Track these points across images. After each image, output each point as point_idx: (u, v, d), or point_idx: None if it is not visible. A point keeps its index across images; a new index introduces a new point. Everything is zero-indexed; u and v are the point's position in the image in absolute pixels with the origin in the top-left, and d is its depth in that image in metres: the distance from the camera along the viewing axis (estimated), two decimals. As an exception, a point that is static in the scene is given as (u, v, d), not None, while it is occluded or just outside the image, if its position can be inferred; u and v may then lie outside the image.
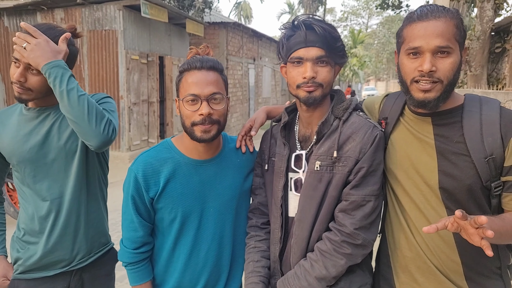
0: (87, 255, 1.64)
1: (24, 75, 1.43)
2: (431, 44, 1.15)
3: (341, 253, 1.27)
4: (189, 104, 1.31)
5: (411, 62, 1.20)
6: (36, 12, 8.64)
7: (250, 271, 1.45)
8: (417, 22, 1.19)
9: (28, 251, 1.57)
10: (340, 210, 1.29)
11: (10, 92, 9.07)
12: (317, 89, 1.29)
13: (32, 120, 1.55)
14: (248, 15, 38.90)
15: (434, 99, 1.19)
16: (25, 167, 1.53)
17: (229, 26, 13.56)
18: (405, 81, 1.23)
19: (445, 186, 1.22)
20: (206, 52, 1.43)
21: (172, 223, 1.41)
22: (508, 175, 1.17)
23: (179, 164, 1.40)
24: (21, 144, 1.52)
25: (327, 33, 1.28)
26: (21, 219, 1.60)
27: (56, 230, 1.56)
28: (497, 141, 1.16)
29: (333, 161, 1.29)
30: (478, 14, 10.33)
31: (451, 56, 1.17)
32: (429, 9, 1.19)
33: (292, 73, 1.31)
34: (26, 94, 1.47)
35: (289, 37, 1.32)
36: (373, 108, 1.48)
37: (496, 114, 1.18)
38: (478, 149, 1.17)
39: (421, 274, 1.29)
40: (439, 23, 1.16)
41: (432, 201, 1.25)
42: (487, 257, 1.22)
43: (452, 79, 1.18)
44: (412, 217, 1.28)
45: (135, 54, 8.76)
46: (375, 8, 17.57)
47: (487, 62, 10.39)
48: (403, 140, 1.32)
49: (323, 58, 1.28)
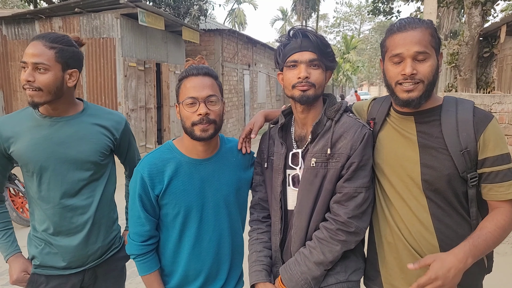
0: (103, 254, 1.75)
1: (32, 75, 1.50)
2: (410, 51, 1.31)
3: (336, 240, 1.40)
4: (188, 106, 1.45)
5: (395, 67, 1.36)
6: (35, 21, 8.72)
7: (254, 260, 1.58)
8: (397, 33, 1.35)
9: (49, 254, 1.65)
10: (334, 201, 1.42)
11: (8, 99, 9.13)
12: (310, 89, 1.43)
13: (48, 128, 1.60)
14: (242, 22, 39.13)
15: (416, 98, 1.34)
16: (42, 174, 1.59)
17: (224, 33, 13.69)
18: (390, 84, 1.39)
19: (426, 178, 1.36)
20: (202, 62, 1.59)
21: (176, 218, 1.53)
22: (483, 167, 1.33)
23: (180, 164, 1.53)
24: (39, 151, 1.57)
25: (319, 40, 1.44)
26: (36, 220, 1.67)
27: (79, 234, 1.66)
28: (470, 136, 1.31)
29: (327, 158, 1.42)
30: (467, 20, 10.56)
31: (428, 60, 1.32)
32: (407, 21, 1.35)
33: (288, 75, 1.46)
34: (38, 95, 1.52)
35: (286, 45, 1.47)
36: (362, 110, 1.63)
37: (469, 113, 1.34)
38: (454, 143, 1.32)
39: (402, 257, 1.41)
40: (416, 33, 1.32)
41: (414, 192, 1.39)
42: None
43: (431, 79, 1.33)
44: (396, 206, 1.42)
45: (133, 61, 8.88)
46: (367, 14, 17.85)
47: (476, 66, 10.60)
48: (389, 137, 1.46)
49: (315, 61, 1.43)
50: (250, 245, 1.64)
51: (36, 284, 1.66)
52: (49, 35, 1.55)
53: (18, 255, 1.70)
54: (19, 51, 8.91)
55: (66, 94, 1.62)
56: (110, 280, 1.80)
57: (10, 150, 1.60)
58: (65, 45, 1.58)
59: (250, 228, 1.68)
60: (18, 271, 1.66)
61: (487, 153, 1.31)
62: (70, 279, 1.68)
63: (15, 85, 9.02)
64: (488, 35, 10.58)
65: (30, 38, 8.77)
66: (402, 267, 1.42)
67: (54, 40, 1.55)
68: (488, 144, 1.31)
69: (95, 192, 1.69)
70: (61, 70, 1.56)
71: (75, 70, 1.62)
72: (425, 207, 1.38)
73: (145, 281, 1.57)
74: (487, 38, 10.75)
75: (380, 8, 15.70)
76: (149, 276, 1.55)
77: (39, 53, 1.51)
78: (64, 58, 1.56)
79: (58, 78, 1.55)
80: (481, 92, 9.53)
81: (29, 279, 1.67)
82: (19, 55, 8.91)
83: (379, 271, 1.51)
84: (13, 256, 1.68)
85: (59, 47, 1.55)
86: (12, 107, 9.09)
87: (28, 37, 8.83)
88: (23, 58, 1.52)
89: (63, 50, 1.56)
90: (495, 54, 10.50)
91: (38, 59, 1.50)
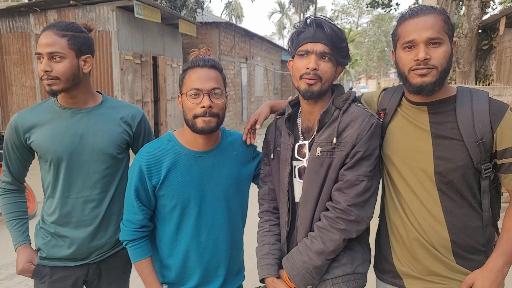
0: (109, 250, 1.75)
1: (49, 65, 1.52)
2: (423, 36, 1.29)
3: (336, 228, 1.37)
4: (192, 97, 1.44)
5: (407, 54, 1.33)
6: (29, 14, 8.63)
7: (266, 252, 1.55)
8: (409, 19, 1.33)
9: (55, 246, 1.67)
10: (335, 189, 1.40)
11: (3, 93, 9.04)
12: (316, 83, 1.40)
13: (67, 119, 1.63)
14: (239, 15, 38.95)
15: (430, 83, 1.30)
16: (59, 164, 1.62)
17: (221, 26, 13.62)
18: (403, 72, 1.36)
19: (440, 170, 1.34)
20: (207, 54, 1.57)
21: (173, 210, 1.52)
22: (503, 158, 1.31)
23: (180, 155, 1.51)
24: (57, 142, 1.60)
25: (333, 33, 1.40)
26: (46, 211, 1.69)
27: (89, 228, 1.67)
28: (486, 126, 1.29)
29: (332, 147, 1.40)
30: (466, 12, 10.53)
31: (442, 46, 1.30)
32: (419, 8, 1.34)
33: (298, 64, 1.43)
34: (56, 84, 1.54)
35: (300, 33, 1.44)
36: (372, 101, 1.59)
37: (485, 103, 1.32)
38: (470, 134, 1.30)
39: (416, 248, 1.40)
40: (429, 18, 1.30)
41: (426, 184, 1.37)
42: (474, 235, 1.36)
43: (445, 66, 1.31)
44: (406, 199, 1.40)
45: (129, 55, 8.82)
46: (365, 7, 17.76)
47: (475, 59, 10.59)
48: (401, 128, 1.43)
49: (326, 55, 1.40)
50: (261, 236, 1.61)
51: (41, 275, 1.68)
52: (59, 24, 1.56)
53: (26, 245, 1.71)
54: (13, 45, 8.82)
55: (83, 81, 1.64)
56: (114, 276, 1.80)
57: (30, 141, 1.63)
58: (76, 31, 1.59)
59: (260, 219, 1.65)
60: (24, 261, 1.67)
61: (506, 143, 1.30)
62: (74, 272, 1.69)
63: (10, 79, 8.94)
64: (487, 27, 10.57)
65: (24, 31, 8.70)
66: (417, 258, 1.41)
67: (65, 28, 1.56)
68: (507, 134, 1.30)
69: (109, 187, 1.70)
70: (76, 57, 1.58)
71: (89, 55, 1.64)
72: (437, 200, 1.36)
73: (137, 268, 1.56)
74: (486, 30, 10.74)
75: (378, 1, 15.61)
76: (141, 263, 1.54)
77: (52, 42, 1.52)
78: (77, 45, 1.58)
79: (74, 65, 1.57)
80: (480, 84, 9.51)
81: (34, 270, 1.68)
82: (14, 49, 8.82)
83: (393, 264, 1.49)
84: (21, 246, 1.69)
85: (70, 34, 1.57)
86: (7, 101, 9.03)
87: (23, 30, 8.74)
88: (37, 49, 1.54)
89: (75, 37, 1.58)
90: (494, 46, 10.49)
91: (53, 48, 1.52)
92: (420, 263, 1.40)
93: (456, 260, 1.37)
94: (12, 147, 1.67)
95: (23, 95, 8.95)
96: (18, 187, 1.77)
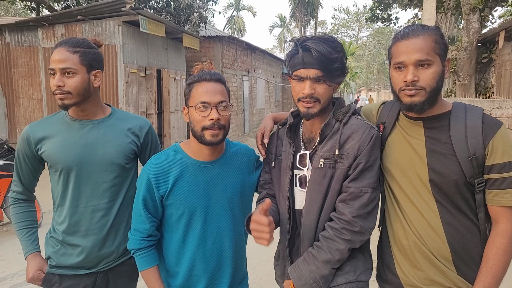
0: (116, 258, 1.77)
1: (62, 80, 1.58)
2: (412, 59, 1.33)
3: (341, 238, 1.40)
4: (200, 110, 1.48)
5: (398, 74, 1.38)
6: (37, 28, 8.78)
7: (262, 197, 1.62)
8: (401, 40, 1.38)
9: (64, 255, 1.71)
10: (340, 200, 1.43)
11: (10, 106, 9.15)
12: (314, 105, 1.44)
13: (77, 130, 1.68)
14: (241, 29, 39.36)
15: (419, 102, 1.35)
16: (69, 174, 1.66)
17: (224, 39, 13.79)
18: (395, 90, 1.42)
19: (433, 178, 1.38)
20: (210, 68, 1.63)
21: (180, 218, 1.56)
22: (490, 173, 1.33)
23: (186, 165, 1.56)
24: (67, 152, 1.64)
25: (322, 56, 1.39)
26: (56, 220, 1.73)
27: (97, 236, 1.70)
28: (479, 142, 1.32)
29: (335, 159, 1.44)
30: (465, 26, 10.66)
31: (431, 67, 1.34)
32: (411, 29, 1.38)
33: (295, 88, 1.47)
34: (68, 98, 1.59)
35: (293, 56, 1.45)
36: (371, 114, 1.64)
37: (479, 119, 1.35)
38: (463, 149, 1.33)
39: (418, 258, 1.43)
40: (418, 40, 1.34)
41: (424, 195, 1.40)
42: (473, 247, 1.38)
43: (434, 86, 1.35)
44: (407, 210, 1.44)
45: (134, 68, 8.94)
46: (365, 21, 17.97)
47: (474, 72, 10.67)
48: (398, 141, 1.48)
49: (320, 78, 1.42)
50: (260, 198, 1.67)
51: (50, 283, 1.71)
52: (71, 40, 1.62)
53: (36, 254, 1.74)
54: (21, 58, 8.96)
55: (93, 94, 1.69)
56: (121, 285, 1.82)
57: (41, 151, 1.67)
58: (87, 47, 1.65)
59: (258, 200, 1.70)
60: (34, 269, 1.70)
61: (495, 159, 1.32)
62: (82, 280, 1.72)
63: (17, 91, 9.06)
64: (486, 40, 10.68)
65: (33, 45, 8.85)
66: (419, 267, 1.43)
67: (76, 44, 1.62)
68: (497, 150, 1.32)
69: (117, 196, 1.73)
70: (87, 72, 1.64)
71: (99, 70, 1.69)
72: (435, 211, 1.40)
73: (144, 276, 1.59)
74: (485, 43, 10.85)
75: (378, 15, 15.83)
76: (148, 271, 1.57)
77: (65, 59, 1.58)
78: (88, 60, 1.63)
79: (85, 80, 1.63)
80: (480, 97, 9.59)
81: (43, 278, 1.72)
82: (22, 62, 8.96)
83: (396, 274, 1.51)
84: (32, 255, 1.73)
85: (82, 50, 1.62)
86: (14, 114, 9.14)
87: (31, 44, 8.89)
88: (50, 65, 1.59)
89: (85, 53, 1.63)
90: (493, 59, 10.59)
91: (65, 64, 1.57)
92: (422, 271, 1.43)
93: (457, 271, 1.40)
94: (23, 158, 1.71)
95: (30, 108, 9.04)
96: (28, 196, 1.81)
